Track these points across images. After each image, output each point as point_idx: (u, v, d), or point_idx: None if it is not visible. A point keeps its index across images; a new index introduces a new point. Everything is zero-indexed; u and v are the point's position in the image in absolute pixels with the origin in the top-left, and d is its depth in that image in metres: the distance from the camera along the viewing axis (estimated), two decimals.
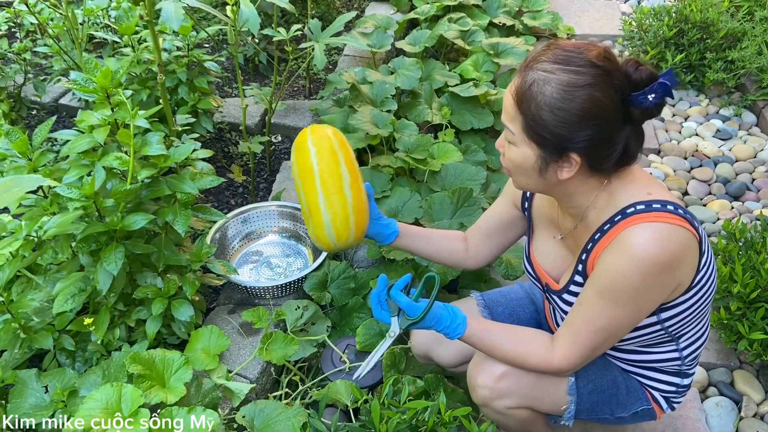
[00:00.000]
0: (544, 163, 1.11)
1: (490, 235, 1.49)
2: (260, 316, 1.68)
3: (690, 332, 1.24)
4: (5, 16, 2.35)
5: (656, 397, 1.37)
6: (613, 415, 1.38)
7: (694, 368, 1.35)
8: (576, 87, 1.02)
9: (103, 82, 1.42)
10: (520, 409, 1.33)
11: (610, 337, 1.17)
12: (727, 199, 2.54)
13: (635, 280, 1.07)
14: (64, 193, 1.40)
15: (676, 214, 1.07)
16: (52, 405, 1.43)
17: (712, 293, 1.20)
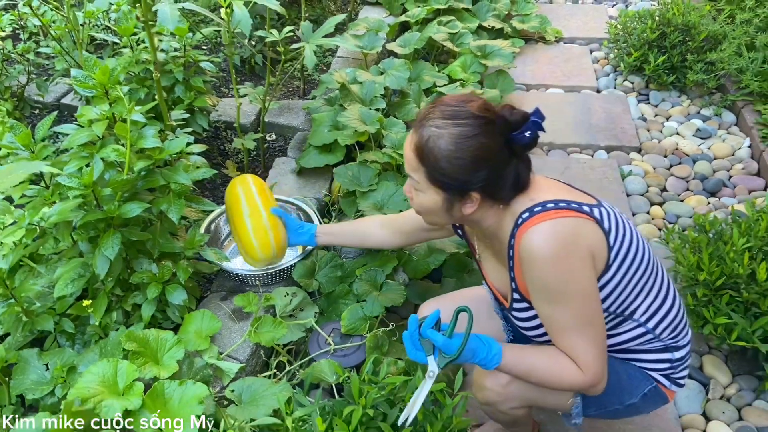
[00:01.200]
0: (450, 203, 1.26)
1: (408, 233, 1.71)
2: (250, 300, 1.77)
3: (640, 306, 1.33)
4: (10, 18, 2.45)
5: (657, 378, 1.42)
6: (623, 404, 1.41)
7: (683, 340, 1.41)
8: (466, 138, 1.18)
9: (101, 79, 1.51)
10: (521, 409, 1.41)
11: (595, 327, 1.25)
12: (704, 195, 2.63)
13: (553, 276, 1.19)
14: (64, 183, 1.50)
15: (557, 209, 1.21)
16: (52, 381, 1.53)
17: (645, 266, 1.30)
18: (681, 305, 1.42)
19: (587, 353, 1.24)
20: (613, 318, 1.33)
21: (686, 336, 1.42)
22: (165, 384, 1.37)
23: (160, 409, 1.34)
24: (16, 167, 1.04)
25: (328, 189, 2.37)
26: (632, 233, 1.30)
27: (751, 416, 1.79)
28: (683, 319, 1.41)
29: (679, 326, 1.39)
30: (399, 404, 1.44)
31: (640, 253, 1.29)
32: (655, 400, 1.43)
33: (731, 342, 1.76)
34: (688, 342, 1.43)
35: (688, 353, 1.43)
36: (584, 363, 1.24)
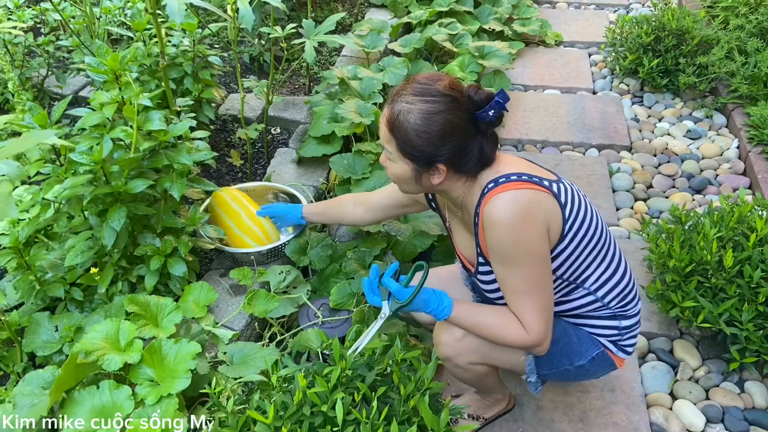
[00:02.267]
0: (418, 173, 1.38)
1: (379, 210, 1.83)
2: (245, 274, 1.90)
3: (591, 276, 1.45)
4: (32, 12, 2.61)
5: (604, 343, 1.53)
6: (573, 365, 1.52)
7: (631, 311, 1.53)
8: (432, 114, 1.28)
9: (112, 65, 1.66)
10: (479, 365, 1.53)
11: (543, 291, 1.37)
12: (689, 192, 2.73)
13: (510, 239, 1.31)
14: (76, 159, 1.64)
15: (520, 181, 1.33)
16: (61, 340, 1.67)
17: (597, 239, 1.42)
18: (632, 280, 1.54)
19: (532, 314, 1.36)
20: (566, 285, 1.45)
21: (634, 307, 1.53)
22: (162, 341, 1.50)
23: (157, 363, 1.47)
24: (31, 135, 1.18)
25: (325, 177, 2.51)
26: (587, 209, 1.41)
27: (717, 396, 1.89)
28: (633, 291, 1.53)
29: (628, 297, 1.51)
30: (377, 367, 1.56)
31: (593, 227, 1.41)
32: (603, 365, 1.55)
33: (698, 324, 1.86)
34: (637, 314, 1.55)
35: (635, 324, 1.54)
36: (528, 323, 1.36)
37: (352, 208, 1.90)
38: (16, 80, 1.87)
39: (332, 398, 1.43)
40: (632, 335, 1.55)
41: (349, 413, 1.39)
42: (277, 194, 2.35)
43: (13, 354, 1.73)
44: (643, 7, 4.45)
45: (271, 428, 1.36)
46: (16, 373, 1.68)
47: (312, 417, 1.40)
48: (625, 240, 2.46)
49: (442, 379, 1.92)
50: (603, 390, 1.90)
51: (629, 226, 2.53)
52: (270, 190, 2.35)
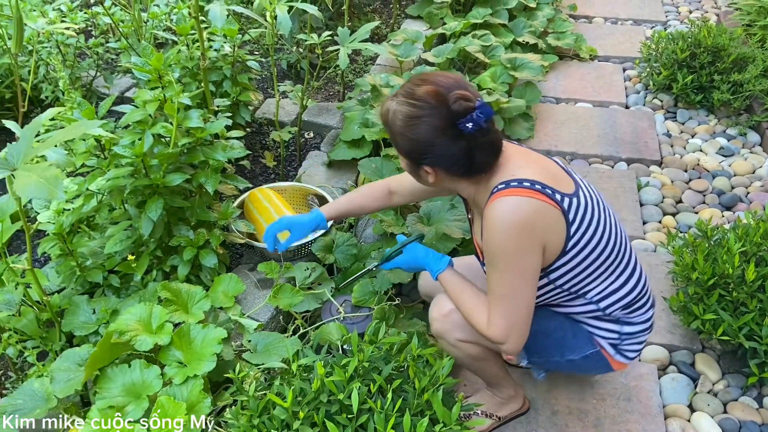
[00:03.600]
0: (414, 170, 1.43)
1: (416, 196, 1.80)
2: (272, 268, 1.98)
3: (594, 289, 1.46)
4: (84, 15, 2.76)
5: (602, 344, 1.55)
6: (564, 358, 1.57)
7: (637, 318, 1.53)
8: (413, 118, 1.30)
9: (156, 64, 1.76)
10: (469, 344, 1.57)
11: (516, 300, 1.36)
12: (719, 208, 2.72)
13: (501, 245, 1.32)
14: (119, 152, 1.75)
15: (532, 189, 1.32)
16: (97, 322, 1.77)
17: (607, 254, 1.42)
18: (644, 289, 1.54)
19: (499, 316, 1.37)
20: (566, 294, 1.48)
21: (642, 315, 1.53)
22: (191, 326, 1.58)
23: (185, 346, 1.55)
24: (78, 125, 1.28)
25: (354, 180, 2.58)
26: (600, 223, 1.41)
27: (735, 410, 1.88)
28: (642, 300, 1.53)
29: (635, 305, 1.51)
30: (394, 361, 1.61)
31: (603, 242, 1.41)
32: (596, 364, 1.57)
33: (717, 337, 1.86)
34: (644, 321, 1.54)
35: (641, 331, 1.54)
36: (492, 321, 1.39)
37: (384, 197, 1.80)
38: (67, 79, 1.99)
39: (349, 388, 1.49)
40: (635, 341, 1.55)
41: (364, 403, 1.44)
42: (306, 194, 2.43)
43: (52, 334, 1.83)
44: (681, 24, 4.43)
45: (289, 412, 1.42)
46: (54, 351, 1.78)
47: (329, 404, 1.46)
48: (650, 253, 2.46)
49: (458, 377, 1.96)
50: (619, 399, 1.91)
51: (656, 239, 2.54)
52: (300, 190, 2.43)
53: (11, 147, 1.23)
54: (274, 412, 1.44)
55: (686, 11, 4.70)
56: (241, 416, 1.43)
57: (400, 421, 1.40)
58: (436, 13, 3.88)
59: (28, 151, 1.22)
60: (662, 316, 2.17)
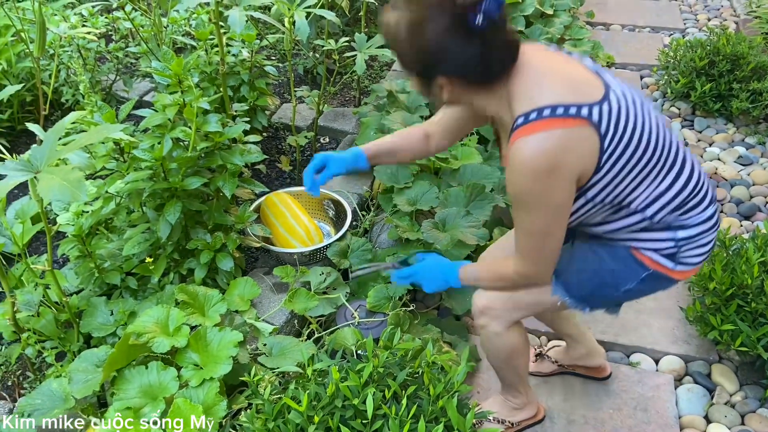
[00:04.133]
0: (426, 87, 1.28)
1: (452, 131, 1.62)
2: (288, 272, 1.99)
3: (639, 197, 1.30)
4: (104, 20, 2.80)
5: (657, 260, 1.39)
6: (620, 291, 1.43)
7: (694, 219, 1.36)
8: (417, 23, 1.17)
9: (176, 69, 1.78)
10: (515, 332, 1.56)
11: (547, 237, 1.29)
12: (737, 217, 2.69)
13: (528, 188, 1.21)
14: (139, 155, 1.77)
15: (553, 117, 1.17)
16: (115, 323, 1.78)
17: (648, 157, 1.26)
18: (699, 184, 1.36)
19: (526, 253, 1.32)
20: (608, 208, 1.32)
21: (699, 215, 1.36)
22: (207, 329, 1.59)
23: (201, 348, 1.56)
24: (100, 129, 1.30)
25: (369, 186, 2.58)
26: (638, 125, 1.25)
27: (753, 422, 1.86)
28: (697, 198, 1.36)
29: (688, 205, 1.35)
30: (408, 368, 1.61)
31: (643, 145, 1.25)
32: (656, 283, 1.43)
33: (735, 348, 1.84)
34: (703, 221, 1.37)
35: (701, 233, 1.37)
36: (520, 259, 1.34)
37: (421, 141, 1.65)
38: (87, 83, 2.02)
39: (364, 393, 1.49)
40: (696, 245, 1.38)
41: (378, 408, 1.45)
42: (322, 200, 2.44)
43: (71, 335, 1.85)
44: (700, 31, 4.40)
45: (304, 416, 1.42)
46: (72, 352, 1.80)
47: (343, 409, 1.46)
48: None
49: (472, 384, 1.96)
50: (636, 409, 1.89)
51: None
52: None
53: (35, 150, 1.25)
54: (289, 416, 1.44)
55: (704, 19, 4.67)
56: (256, 420, 1.44)
57: (415, 427, 1.40)
58: None
59: (51, 154, 1.24)
60: (678, 326, 2.15)
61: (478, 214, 2.18)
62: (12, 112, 2.90)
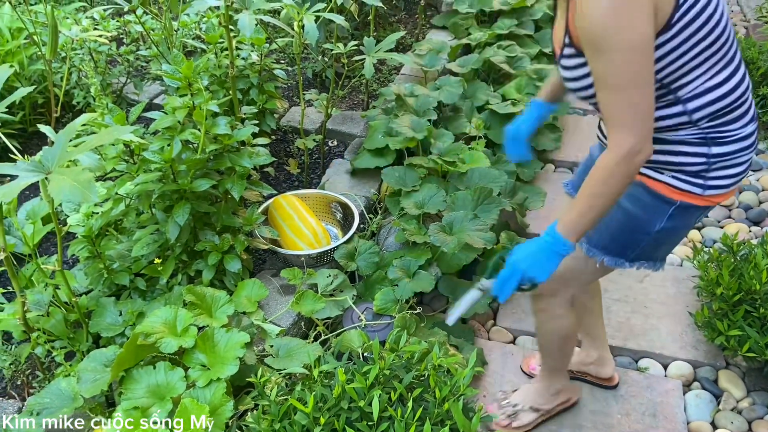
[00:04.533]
0: None
1: None
2: (295, 275, 2.00)
3: (690, 83, 1.23)
4: (116, 23, 2.82)
5: (680, 186, 1.32)
6: (651, 233, 1.38)
7: (730, 134, 1.27)
8: None
9: (186, 72, 1.80)
10: (570, 316, 1.62)
11: (639, 88, 1.15)
12: (746, 223, 2.68)
13: (606, 24, 1.10)
14: (149, 157, 1.78)
15: None
16: (123, 324, 1.80)
17: (712, 40, 1.19)
18: (744, 96, 1.28)
19: (623, 113, 1.16)
20: (657, 88, 1.22)
21: (737, 131, 1.28)
22: (215, 330, 1.60)
23: (209, 349, 1.57)
24: (110, 131, 1.31)
25: (377, 189, 2.59)
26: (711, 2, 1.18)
27: (760, 428, 1.85)
28: (739, 110, 1.28)
29: (730, 116, 1.26)
30: (414, 370, 1.61)
31: (711, 25, 1.18)
32: (686, 216, 1.36)
33: (743, 353, 1.83)
34: (741, 138, 1.29)
35: (736, 152, 1.29)
36: (618, 125, 1.17)
37: None
38: (98, 85, 2.04)
39: (370, 395, 1.50)
40: (729, 164, 1.30)
41: (384, 410, 1.45)
42: (330, 202, 2.45)
43: (80, 335, 1.87)
44: None
45: (310, 418, 1.43)
46: (81, 351, 1.81)
47: (349, 411, 1.46)
48: (677, 267, 2.44)
49: (477, 388, 1.96)
50: (644, 414, 1.89)
51: (682, 253, 2.51)
52: (323, 198, 2.45)
53: (46, 151, 1.26)
54: (295, 418, 1.45)
55: None
56: (263, 420, 1.45)
57: (420, 429, 1.40)
58: (461, 23, 3.89)
59: (62, 155, 1.25)
60: (687, 332, 2.14)
61: (486, 217, 2.18)
62: (24, 114, 2.93)
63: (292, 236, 2.19)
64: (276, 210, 2.28)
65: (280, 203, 2.28)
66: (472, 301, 1.47)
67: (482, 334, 2.19)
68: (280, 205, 2.28)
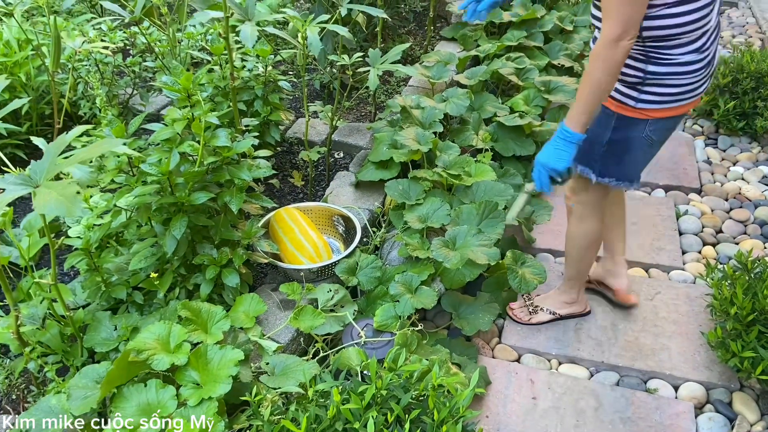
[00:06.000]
0: None
1: None
2: (294, 289, 1.96)
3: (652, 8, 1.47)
4: (122, 35, 2.82)
5: (618, 98, 1.63)
6: (602, 143, 1.72)
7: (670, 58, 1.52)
8: None
9: (185, 83, 1.77)
10: (598, 221, 1.93)
11: None
12: (760, 239, 2.60)
13: None
14: (146, 169, 1.76)
15: None
16: (118, 339, 1.77)
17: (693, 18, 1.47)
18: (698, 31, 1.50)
19: (617, 13, 1.40)
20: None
21: (674, 57, 1.53)
22: (208, 346, 1.57)
23: (201, 367, 1.53)
24: (101, 143, 1.29)
25: (381, 202, 2.55)
26: None
27: None
28: (683, 40, 1.51)
29: (671, 43, 1.51)
30: (413, 390, 1.56)
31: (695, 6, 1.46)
32: (629, 127, 1.65)
33: (757, 376, 1.76)
34: (675, 64, 1.53)
35: (669, 74, 1.54)
36: (610, 25, 1.41)
37: None
38: (104, 96, 2.02)
39: (365, 417, 1.45)
40: (659, 83, 1.55)
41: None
42: (332, 215, 2.42)
43: (75, 349, 1.84)
44: (723, 48, 4.32)
45: None
46: (75, 366, 1.79)
47: None
48: (690, 285, 2.36)
49: (480, 409, 1.90)
50: None
51: (695, 270, 2.44)
52: (326, 211, 2.42)
53: (35, 164, 1.24)
54: None
55: (729, 36, 4.58)
56: None
57: None
58: (470, 35, 3.86)
59: (51, 168, 1.23)
60: (700, 351, 2.07)
61: (490, 232, 2.13)
62: (31, 124, 2.94)
63: (292, 250, 2.15)
64: (277, 223, 2.25)
65: (282, 216, 2.25)
66: (524, 202, 1.91)
67: (486, 352, 2.13)
68: (282, 218, 2.25)
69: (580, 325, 2.19)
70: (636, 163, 1.79)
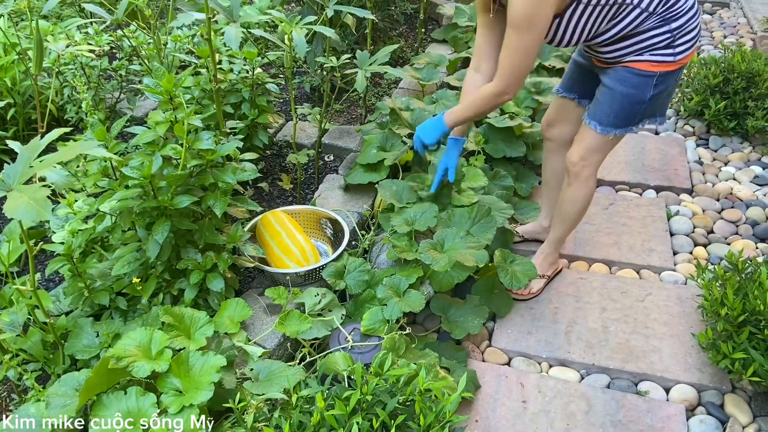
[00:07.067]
0: None
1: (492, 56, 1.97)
2: (280, 294, 1.93)
3: (675, 9, 1.73)
4: (108, 38, 2.79)
5: (656, 59, 1.78)
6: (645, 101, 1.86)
7: (679, 10, 1.75)
8: None
9: (167, 86, 1.75)
10: (594, 183, 2.07)
11: (524, 56, 1.73)
12: (752, 239, 2.59)
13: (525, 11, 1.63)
14: (128, 173, 1.73)
15: None
16: (100, 345, 1.74)
17: None
18: None
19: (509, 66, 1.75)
20: (610, 8, 1.72)
21: (682, 7, 1.75)
22: (189, 353, 1.54)
23: (183, 373, 1.51)
24: (75, 146, 1.26)
25: (370, 204, 2.53)
26: None
27: None
28: None
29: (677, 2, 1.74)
30: (399, 395, 1.54)
31: None
32: (668, 78, 1.82)
33: (747, 377, 1.74)
34: (687, 11, 1.76)
35: (688, 21, 1.76)
36: (500, 72, 1.79)
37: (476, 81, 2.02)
38: (90, 100, 2.00)
39: (350, 423, 1.43)
40: (686, 31, 1.77)
41: None
42: (320, 218, 2.39)
43: (57, 356, 1.81)
44: (715, 48, 4.32)
45: None
46: (56, 374, 1.75)
47: None
48: (681, 286, 2.35)
49: (469, 413, 1.87)
50: None
51: (686, 271, 2.42)
52: (313, 214, 2.39)
53: (8, 168, 1.22)
54: None
55: (720, 36, 4.58)
56: None
57: None
58: (461, 37, 3.85)
59: (24, 172, 1.20)
60: (691, 353, 2.05)
61: (482, 236, 2.10)
62: (17, 129, 2.91)
63: (279, 254, 2.13)
64: (264, 227, 2.23)
65: (269, 220, 2.23)
66: (403, 152, 2.38)
67: (476, 355, 2.11)
68: (269, 222, 2.22)
69: (570, 327, 2.17)
70: (669, 102, 1.98)
